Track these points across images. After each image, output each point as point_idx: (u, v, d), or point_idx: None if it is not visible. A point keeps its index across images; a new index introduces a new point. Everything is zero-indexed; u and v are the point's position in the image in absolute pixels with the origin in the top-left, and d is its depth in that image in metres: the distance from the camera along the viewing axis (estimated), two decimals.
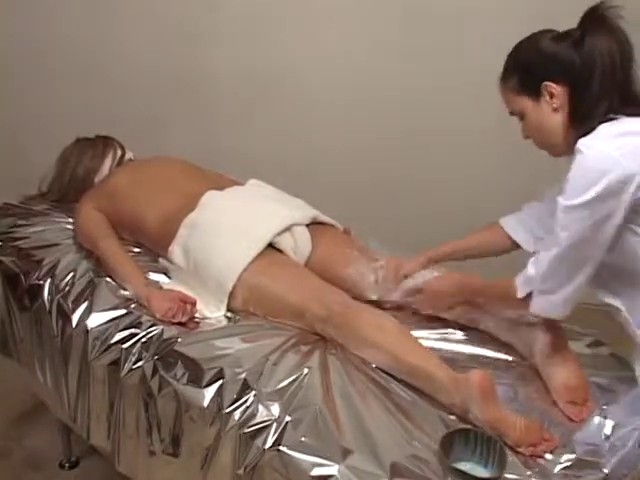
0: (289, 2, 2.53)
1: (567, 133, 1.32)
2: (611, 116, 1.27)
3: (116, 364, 1.47)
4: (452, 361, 1.43)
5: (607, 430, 1.26)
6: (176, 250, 1.68)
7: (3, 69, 2.79)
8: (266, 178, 1.94)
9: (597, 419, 1.29)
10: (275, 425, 1.23)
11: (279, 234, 1.66)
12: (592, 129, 1.25)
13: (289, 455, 1.18)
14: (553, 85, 1.30)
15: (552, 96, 1.31)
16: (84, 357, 1.53)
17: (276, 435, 1.21)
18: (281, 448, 1.19)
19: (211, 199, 1.73)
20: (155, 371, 1.40)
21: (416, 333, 1.52)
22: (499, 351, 1.48)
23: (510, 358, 1.47)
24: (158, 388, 1.39)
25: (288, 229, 1.69)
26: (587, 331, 1.60)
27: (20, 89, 2.84)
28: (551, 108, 1.32)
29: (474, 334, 1.52)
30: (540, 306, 1.32)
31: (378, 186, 2.63)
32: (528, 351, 1.44)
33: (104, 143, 2.01)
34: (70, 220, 1.88)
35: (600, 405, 1.33)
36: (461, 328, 1.55)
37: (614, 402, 1.34)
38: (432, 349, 1.46)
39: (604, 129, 1.25)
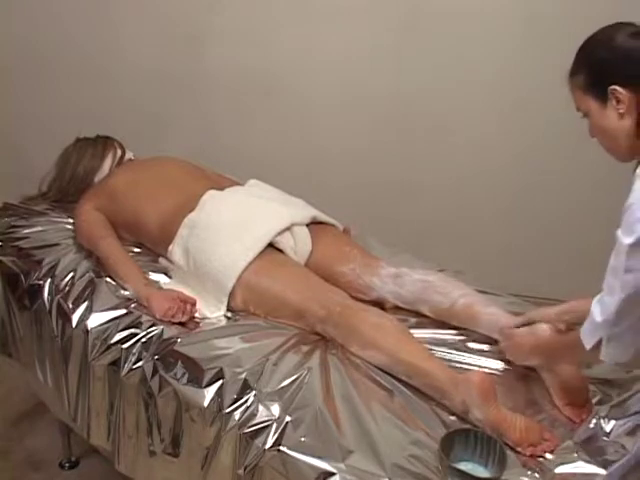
0: (289, 3, 2.53)
1: (633, 142, 1.20)
2: None
3: (116, 364, 1.47)
4: (452, 361, 1.43)
5: (607, 428, 1.26)
6: (176, 250, 1.68)
7: (3, 69, 2.78)
8: (266, 178, 1.94)
9: (596, 418, 1.29)
10: (275, 425, 1.23)
11: (279, 234, 1.66)
12: None
13: (289, 455, 1.18)
14: (620, 90, 1.17)
15: (618, 101, 1.18)
16: (84, 357, 1.53)
17: (276, 435, 1.22)
18: (281, 448, 1.19)
19: (211, 199, 1.73)
20: (155, 371, 1.40)
21: (416, 333, 1.52)
22: (499, 352, 1.48)
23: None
24: (158, 388, 1.39)
25: (288, 229, 1.69)
26: None
27: (20, 89, 2.83)
28: (617, 114, 1.20)
29: (474, 335, 1.52)
30: (610, 354, 1.18)
31: (378, 186, 2.62)
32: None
33: (104, 143, 2.01)
34: (70, 220, 1.88)
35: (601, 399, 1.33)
36: (461, 329, 1.55)
37: (611, 398, 1.34)
38: (432, 349, 1.46)
39: None
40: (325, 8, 2.49)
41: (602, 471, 1.16)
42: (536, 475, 1.15)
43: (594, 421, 1.28)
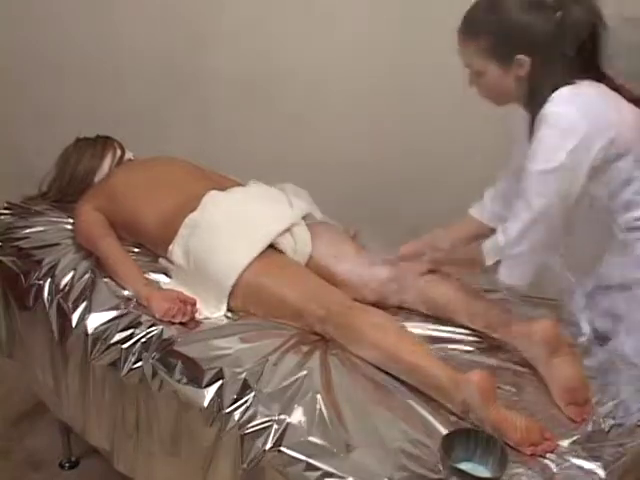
0: (290, 3, 2.53)
1: (520, 92, 1.38)
2: (569, 81, 1.33)
3: (116, 364, 1.47)
4: (452, 361, 1.43)
5: (607, 428, 1.26)
6: (176, 250, 1.68)
7: (3, 69, 2.78)
8: (266, 178, 1.93)
9: (596, 417, 1.28)
10: (275, 426, 1.23)
11: (279, 235, 1.67)
12: (550, 93, 1.32)
13: (290, 455, 1.18)
14: (525, 58, 1.33)
15: (521, 66, 1.35)
16: (84, 357, 1.53)
17: (277, 435, 1.21)
18: (282, 448, 1.19)
19: (213, 199, 1.73)
20: (155, 371, 1.40)
21: (416, 333, 1.52)
22: (499, 351, 1.48)
23: (510, 358, 1.47)
24: (158, 388, 1.39)
25: (288, 230, 1.70)
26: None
27: (20, 89, 2.83)
28: (515, 76, 1.36)
29: (475, 334, 1.52)
30: (507, 273, 1.37)
31: (379, 186, 2.62)
32: (525, 350, 1.43)
33: (104, 143, 2.00)
34: (70, 220, 1.88)
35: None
36: (462, 328, 1.55)
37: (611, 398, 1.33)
38: (432, 349, 1.46)
39: (566, 95, 1.31)
40: (327, 9, 2.49)
41: (602, 471, 1.16)
42: (537, 475, 1.15)
43: (594, 420, 1.28)
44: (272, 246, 1.65)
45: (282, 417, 1.24)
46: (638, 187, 1.35)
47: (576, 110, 1.29)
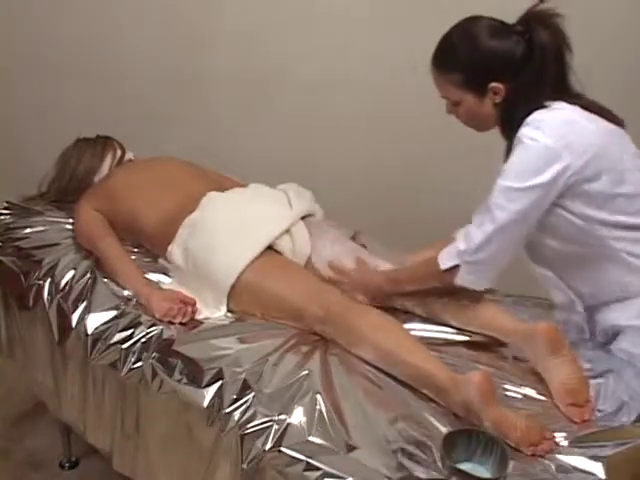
0: (290, 2, 2.53)
1: (497, 117, 1.43)
2: (545, 104, 1.36)
3: (116, 364, 1.47)
4: (452, 361, 1.43)
5: (606, 427, 1.26)
6: (175, 250, 1.68)
7: (3, 69, 2.78)
8: (266, 178, 1.93)
9: (597, 417, 1.28)
10: (275, 426, 1.23)
11: (278, 236, 1.67)
12: (524, 116, 1.35)
13: (290, 455, 1.18)
14: (499, 86, 1.38)
15: (495, 94, 1.40)
16: (84, 357, 1.53)
17: (277, 435, 1.21)
18: (282, 448, 1.19)
19: (211, 200, 1.73)
20: (155, 371, 1.40)
21: (416, 333, 1.51)
22: (499, 352, 1.48)
23: (510, 358, 1.47)
24: (158, 388, 1.39)
25: (287, 231, 1.70)
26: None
27: (20, 89, 2.83)
28: (492, 103, 1.41)
29: (474, 335, 1.52)
30: (466, 279, 1.41)
31: (379, 186, 2.62)
32: (525, 351, 1.43)
33: (104, 143, 2.00)
34: (70, 220, 1.88)
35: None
36: (461, 329, 1.55)
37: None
38: (432, 349, 1.46)
39: (540, 118, 1.34)
40: (327, 9, 2.49)
41: (602, 471, 1.16)
42: (537, 474, 1.15)
43: (594, 421, 1.27)
44: (271, 247, 1.66)
45: (282, 417, 1.24)
46: (619, 204, 1.36)
47: (550, 135, 1.31)
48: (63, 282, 1.65)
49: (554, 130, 1.32)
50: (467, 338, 1.52)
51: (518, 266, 1.58)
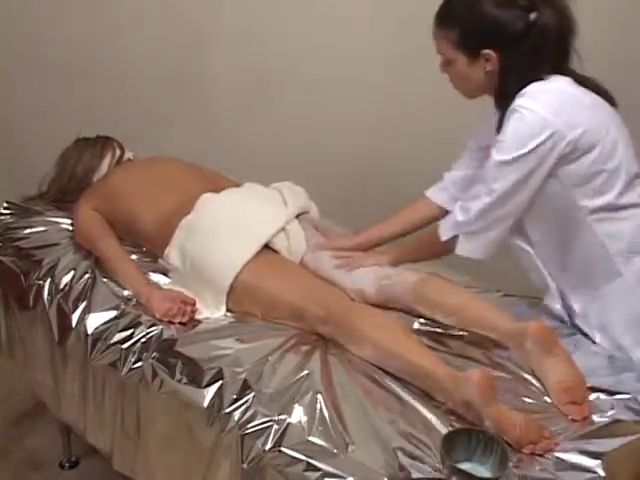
0: (290, 3, 2.53)
1: (489, 86, 1.44)
2: (539, 77, 1.38)
3: (116, 364, 1.47)
4: (452, 360, 1.43)
5: (604, 424, 1.26)
6: (172, 252, 1.68)
7: (3, 69, 2.78)
8: (266, 178, 1.93)
9: (596, 416, 1.28)
10: (276, 426, 1.23)
11: (274, 235, 1.67)
12: (519, 88, 1.37)
13: (290, 455, 1.18)
14: (492, 53, 1.39)
15: (487, 61, 1.40)
16: (84, 357, 1.53)
17: (277, 436, 1.21)
18: (282, 449, 1.19)
19: (208, 201, 1.74)
20: (155, 371, 1.40)
21: (415, 333, 1.51)
22: (496, 351, 1.48)
23: (507, 357, 1.46)
24: (158, 388, 1.39)
25: (283, 229, 1.70)
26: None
27: (20, 89, 2.83)
28: (483, 70, 1.42)
29: (474, 334, 1.52)
30: (465, 247, 1.47)
31: (379, 186, 2.62)
32: (520, 350, 1.43)
33: (103, 143, 2.00)
34: (69, 220, 1.88)
35: None
36: (461, 328, 1.54)
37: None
38: (432, 348, 1.46)
39: (536, 90, 1.36)
40: (327, 9, 2.49)
41: (601, 469, 1.16)
42: (536, 474, 1.15)
43: (593, 418, 1.27)
44: (267, 246, 1.66)
45: (282, 417, 1.24)
46: (605, 178, 1.39)
47: (545, 105, 1.34)
48: (63, 282, 1.65)
49: (549, 101, 1.35)
50: (466, 337, 1.52)
51: (518, 266, 1.58)
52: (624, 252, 1.42)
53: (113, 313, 1.55)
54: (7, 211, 1.95)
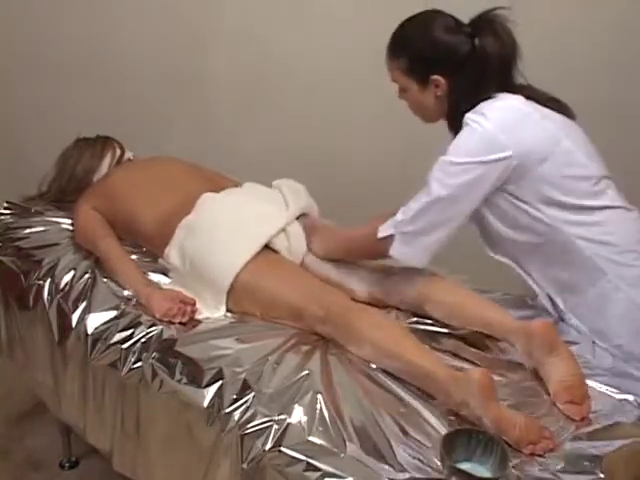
0: (290, 3, 2.53)
1: (442, 110, 1.52)
2: (490, 95, 1.43)
3: (116, 364, 1.47)
4: (452, 360, 1.43)
5: (604, 425, 1.26)
6: (172, 252, 1.68)
7: (3, 69, 2.78)
8: (266, 178, 1.93)
9: (596, 415, 1.28)
10: (276, 426, 1.23)
11: (274, 235, 1.67)
12: (470, 108, 1.41)
13: (290, 456, 1.18)
14: (441, 79, 1.46)
15: (437, 87, 1.47)
16: (84, 357, 1.53)
17: (277, 435, 1.21)
18: (282, 449, 1.19)
19: (208, 201, 1.74)
20: (155, 371, 1.40)
21: (415, 333, 1.51)
22: (497, 350, 1.48)
23: (510, 357, 1.46)
24: (158, 388, 1.39)
25: (283, 230, 1.70)
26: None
27: (20, 89, 2.83)
28: (434, 95, 1.49)
29: (474, 334, 1.52)
30: (399, 250, 1.47)
31: (379, 185, 2.62)
32: (522, 349, 1.43)
33: (103, 143, 2.01)
34: (69, 220, 1.88)
35: None
36: (461, 328, 1.54)
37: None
38: (432, 348, 1.46)
39: (487, 106, 1.40)
40: (327, 9, 2.49)
41: (600, 469, 1.15)
42: (536, 474, 1.15)
43: (593, 418, 1.27)
44: (268, 246, 1.66)
45: (282, 417, 1.24)
46: (569, 185, 1.41)
47: (493, 122, 1.38)
48: (63, 282, 1.65)
49: (498, 118, 1.38)
50: (466, 336, 1.52)
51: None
52: (605, 252, 1.43)
53: (113, 313, 1.55)
54: (7, 211, 1.95)
